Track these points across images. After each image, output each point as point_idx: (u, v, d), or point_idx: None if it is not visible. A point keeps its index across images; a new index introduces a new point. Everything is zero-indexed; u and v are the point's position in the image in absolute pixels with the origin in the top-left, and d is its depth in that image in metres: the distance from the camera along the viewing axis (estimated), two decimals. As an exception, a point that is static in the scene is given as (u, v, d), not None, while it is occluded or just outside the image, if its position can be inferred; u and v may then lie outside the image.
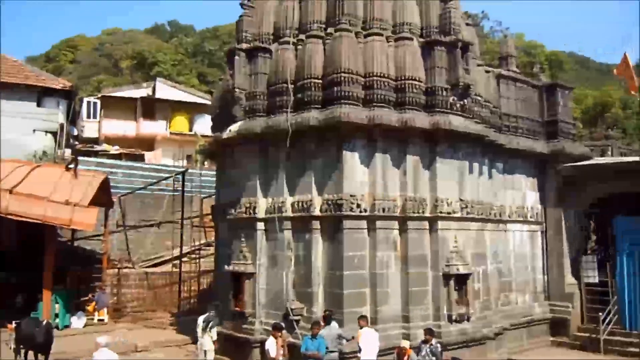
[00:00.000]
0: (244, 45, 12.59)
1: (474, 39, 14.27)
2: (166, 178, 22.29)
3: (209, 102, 26.91)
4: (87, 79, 46.63)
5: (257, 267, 11.81)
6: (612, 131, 28.58)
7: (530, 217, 14.49)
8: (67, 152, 24.35)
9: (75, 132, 30.68)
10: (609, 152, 16.61)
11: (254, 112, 12.24)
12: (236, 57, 12.40)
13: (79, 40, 56.47)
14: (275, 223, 11.59)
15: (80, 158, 19.55)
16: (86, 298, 16.92)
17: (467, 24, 14.29)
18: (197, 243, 20.81)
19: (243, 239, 12.11)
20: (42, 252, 14.67)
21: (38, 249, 14.93)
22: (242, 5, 13.05)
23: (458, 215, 11.73)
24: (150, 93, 33.81)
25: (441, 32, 12.17)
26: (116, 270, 18.89)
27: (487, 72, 13.84)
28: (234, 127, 12.29)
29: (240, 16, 13.08)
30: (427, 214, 11.47)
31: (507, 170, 14.06)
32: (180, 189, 19.76)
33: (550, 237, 14.70)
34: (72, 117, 26.71)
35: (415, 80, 11.71)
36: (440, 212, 11.42)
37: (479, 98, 12.77)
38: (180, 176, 20.07)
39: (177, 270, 19.24)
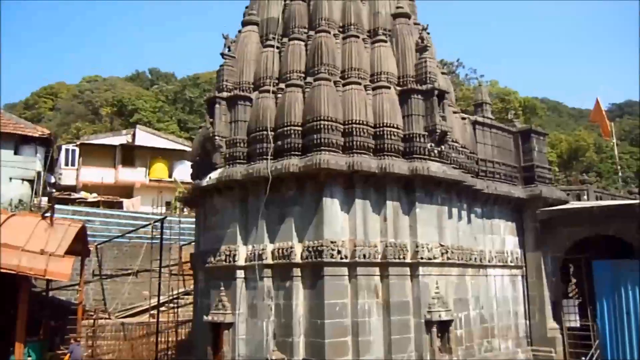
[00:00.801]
0: (225, 94, 12.72)
1: (450, 87, 14.66)
2: (144, 226, 22.01)
3: (188, 149, 26.95)
4: (66, 126, 46.54)
5: (236, 317, 11.59)
6: (587, 175, 29.13)
7: (511, 262, 14.55)
8: (44, 201, 24.02)
9: (53, 180, 30.36)
10: (585, 196, 16.88)
11: (234, 159, 12.27)
12: (217, 106, 12.51)
13: (59, 87, 56.67)
14: (255, 271, 11.46)
15: (57, 206, 19.23)
16: (60, 350, 16.36)
17: (443, 73, 14.71)
18: (175, 292, 20.41)
19: (222, 288, 11.92)
20: (15, 302, 14.22)
21: (11, 299, 14.47)
22: (222, 55, 13.26)
23: (439, 260, 11.74)
24: (130, 140, 33.80)
25: (418, 81, 12.48)
26: (91, 321, 18.36)
27: (464, 118, 14.15)
28: (214, 175, 12.28)
29: (221, 66, 13.27)
30: (408, 260, 11.46)
31: (486, 215, 14.19)
32: (158, 236, 19.51)
33: (531, 282, 14.75)
34: (50, 165, 26.47)
35: (393, 127, 11.90)
36: (421, 258, 11.42)
37: (456, 144, 13.02)
38: (158, 223, 19.84)
39: (155, 320, 18.78)
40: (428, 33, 13.65)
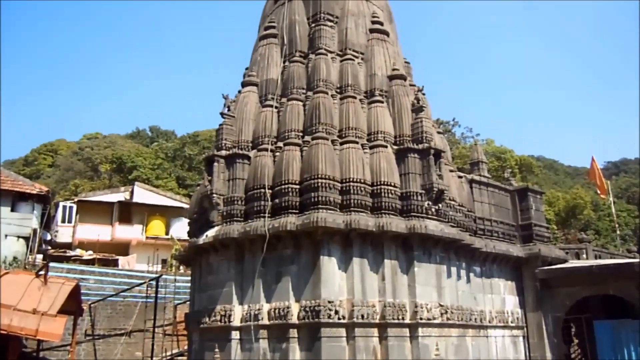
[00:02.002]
0: (223, 152, 12.85)
1: (446, 146, 14.85)
2: (139, 284, 21.71)
3: (186, 206, 26.89)
4: (64, 183, 46.68)
5: (231, 380, 11.27)
6: (585, 233, 29.08)
7: (511, 322, 14.29)
8: (39, 258, 23.79)
9: (49, 237, 30.19)
10: (584, 255, 16.79)
11: (231, 217, 12.25)
12: (215, 164, 12.61)
13: (59, 144, 57.22)
14: (250, 332, 11.22)
15: (51, 264, 19.03)
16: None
17: (439, 132, 14.94)
18: (169, 353, 19.91)
19: (217, 349, 11.63)
20: (3, 364, 13.85)
21: (0, 361, 14.09)
22: (222, 114, 13.49)
23: (438, 321, 11.52)
24: (128, 197, 33.83)
25: (414, 140, 12.64)
26: (82, 383, 17.82)
27: (460, 177, 14.25)
28: (211, 232, 12.23)
29: (221, 125, 13.47)
30: (407, 321, 11.25)
31: (485, 274, 14.06)
32: (153, 295, 19.20)
33: (533, 343, 14.42)
34: (47, 222, 26.39)
35: (390, 185, 11.96)
36: (421, 319, 11.21)
37: (454, 202, 13.05)
38: (153, 282, 19.58)
39: (147, 382, 18.22)
40: (423, 94, 13.94)
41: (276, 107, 13.44)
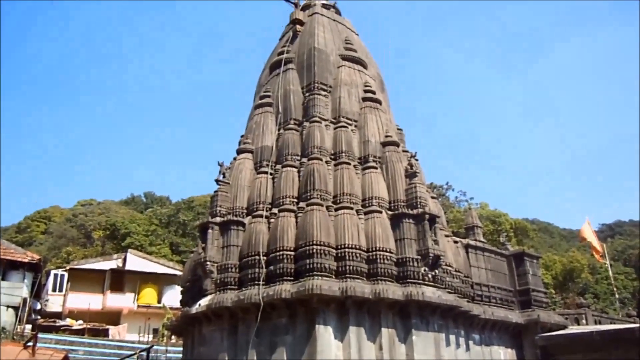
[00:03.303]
0: (218, 219, 12.82)
1: (440, 210, 14.87)
2: (130, 355, 21.09)
3: (179, 273, 26.58)
4: (57, 250, 46.19)
5: None
6: (583, 297, 28.75)
7: (513, 392, 13.87)
8: (28, 328, 23.19)
9: (39, 307, 29.54)
10: (584, 320, 16.51)
11: (225, 285, 12.07)
12: (209, 231, 12.55)
13: (53, 211, 57.04)
14: (244, 405, 10.83)
15: (40, 335, 18.56)
16: None
17: (433, 197, 15.00)
18: None
19: None
20: None
21: None
22: (217, 181, 13.57)
23: (438, 392, 11.17)
24: (121, 265, 33.41)
25: (409, 206, 12.67)
26: None
27: (456, 242, 14.19)
28: (204, 302, 12.01)
29: (215, 192, 13.52)
30: (406, 392, 10.89)
31: (485, 342, 13.74)
32: (144, 366, 18.62)
33: (536, 414, 13.95)
34: (37, 291, 25.91)
35: (386, 251, 11.88)
36: (420, 390, 10.88)
37: (450, 268, 12.93)
38: (144, 353, 19.02)
39: None
40: (416, 159, 14.11)
41: (271, 174, 13.54)
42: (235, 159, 14.41)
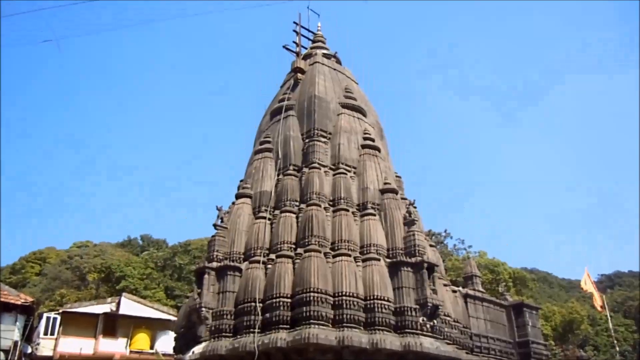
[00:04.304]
0: (215, 264, 12.73)
1: (439, 259, 14.78)
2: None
3: (173, 318, 26.16)
4: (50, 292, 45.56)
5: None
6: (584, 349, 28.26)
7: None
8: (16, 373, 22.64)
9: (29, 350, 28.90)
10: (585, 374, 16.21)
11: (219, 332, 11.88)
12: (205, 276, 12.45)
13: (49, 252, 56.55)
14: None
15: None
16: None
17: (431, 245, 14.93)
18: None
19: None
20: None
21: None
22: (215, 226, 13.54)
23: None
24: (114, 308, 32.84)
25: (407, 254, 12.61)
26: None
27: (454, 291, 14.05)
28: (198, 349, 11.79)
29: (213, 236, 13.48)
30: None
31: (484, 395, 13.44)
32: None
33: None
34: (29, 334, 25.43)
35: (384, 300, 11.75)
36: None
37: (448, 318, 12.76)
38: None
39: None
40: (415, 207, 14.14)
41: (269, 219, 13.52)
42: (234, 203, 14.42)
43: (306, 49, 17.96)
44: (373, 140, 15.25)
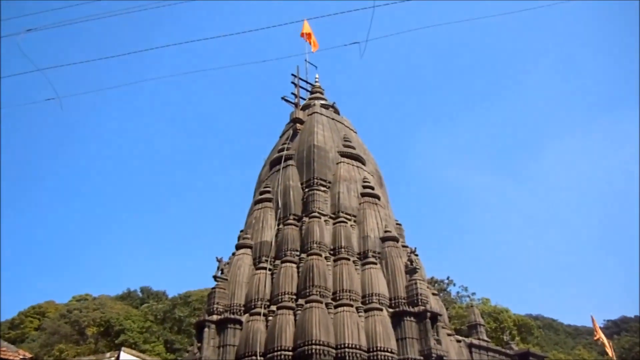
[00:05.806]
0: (215, 317, 12.57)
1: (442, 307, 14.61)
2: None
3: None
4: (49, 347, 44.71)
5: None
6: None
7: None
8: None
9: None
10: None
11: (220, 387, 11.63)
12: (206, 329, 12.28)
13: (48, 306, 55.80)
14: None
15: None
16: None
17: (434, 293, 14.78)
18: None
19: None
20: None
21: None
22: (215, 278, 13.43)
23: None
24: (113, 363, 32.23)
25: (409, 303, 12.47)
26: None
27: (459, 341, 13.83)
28: (199, 405, 11.52)
29: (213, 288, 13.36)
30: None
31: None
32: None
33: None
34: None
35: (387, 351, 11.55)
36: None
37: (454, 369, 12.52)
38: None
39: None
40: (416, 254, 14.06)
41: (270, 269, 13.43)
42: (234, 254, 14.36)
43: (305, 99, 18.26)
44: (372, 189, 15.32)
